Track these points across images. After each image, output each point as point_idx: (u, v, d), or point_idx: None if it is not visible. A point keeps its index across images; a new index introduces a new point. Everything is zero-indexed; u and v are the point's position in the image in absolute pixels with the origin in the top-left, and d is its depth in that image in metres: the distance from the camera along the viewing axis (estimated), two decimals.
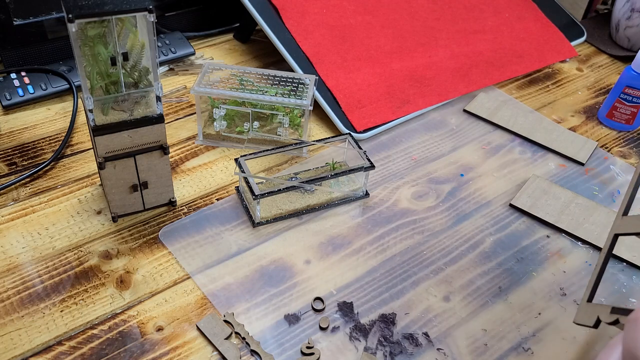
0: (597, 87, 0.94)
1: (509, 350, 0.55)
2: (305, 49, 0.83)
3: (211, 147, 0.75)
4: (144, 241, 0.62)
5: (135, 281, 0.58)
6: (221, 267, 0.60)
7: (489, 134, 0.81)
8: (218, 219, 0.65)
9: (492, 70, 0.92)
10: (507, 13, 1.02)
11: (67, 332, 0.53)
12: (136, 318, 0.55)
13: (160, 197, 0.65)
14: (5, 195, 0.66)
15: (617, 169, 0.77)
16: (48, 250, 0.60)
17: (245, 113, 0.75)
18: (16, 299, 0.56)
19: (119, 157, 0.58)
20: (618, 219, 0.53)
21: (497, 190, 0.72)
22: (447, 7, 0.99)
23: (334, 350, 0.54)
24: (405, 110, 0.82)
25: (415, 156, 0.76)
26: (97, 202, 0.66)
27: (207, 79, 0.74)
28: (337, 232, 0.65)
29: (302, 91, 0.73)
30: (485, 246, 0.65)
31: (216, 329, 0.54)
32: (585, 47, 1.04)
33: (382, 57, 0.87)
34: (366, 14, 0.92)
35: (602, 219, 0.68)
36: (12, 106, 0.78)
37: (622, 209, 0.54)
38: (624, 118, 0.84)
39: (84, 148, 0.73)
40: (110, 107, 0.57)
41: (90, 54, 0.53)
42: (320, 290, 0.59)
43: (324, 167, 0.72)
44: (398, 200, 0.70)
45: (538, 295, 0.60)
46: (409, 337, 0.55)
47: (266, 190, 0.63)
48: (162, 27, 0.93)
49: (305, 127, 0.74)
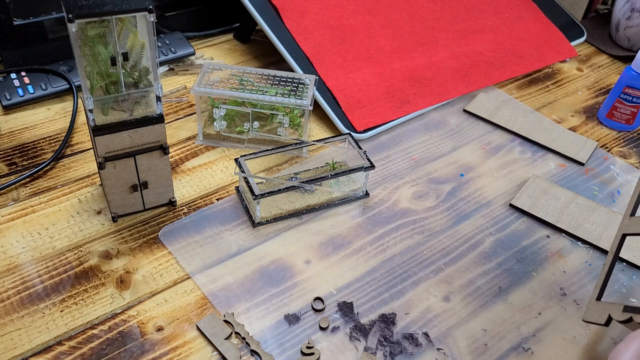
0: (597, 87, 0.94)
1: (509, 350, 0.55)
2: (305, 49, 0.83)
3: (211, 147, 0.75)
4: (144, 241, 0.62)
5: (135, 281, 0.58)
6: (221, 267, 0.60)
7: (489, 134, 0.81)
8: (218, 219, 0.65)
9: (492, 70, 0.92)
10: (507, 13, 1.02)
11: (67, 332, 0.53)
12: (136, 318, 0.55)
13: (160, 197, 0.65)
14: (5, 195, 0.66)
15: (617, 169, 0.77)
16: (48, 250, 0.60)
17: (245, 113, 0.75)
18: (16, 299, 0.56)
19: (119, 157, 0.58)
20: (626, 219, 0.53)
21: (497, 190, 0.72)
22: (447, 7, 0.99)
23: (334, 350, 0.54)
24: (405, 110, 0.82)
25: (415, 156, 0.76)
26: (97, 202, 0.66)
27: (207, 79, 0.74)
28: (337, 232, 0.65)
29: (302, 91, 0.73)
30: (485, 246, 0.65)
31: (216, 329, 0.54)
32: (585, 47, 1.04)
33: (382, 57, 0.87)
34: (366, 14, 0.92)
35: (602, 219, 0.68)
36: (12, 106, 0.78)
37: (629, 209, 0.54)
38: (624, 118, 0.84)
39: (84, 148, 0.73)
40: (110, 107, 0.57)
41: (90, 54, 0.53)
42: (320, 290, 0.59)
43: (324, 167, 0.72)
44: (398, 200, 0.70)
45: (538, 295, 0.60)
46: (409, 337, 0.55)
47: (266, 190, 0.63)
48: (162, 27, 0.93)
49: (305, 127, 0.74)
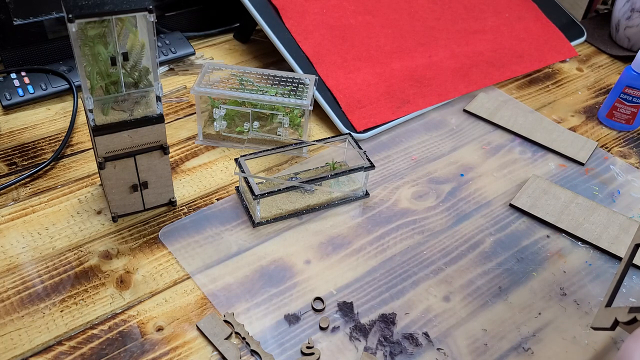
0: (597, 87, 0.94)
1: (509, 350, 0.55)
2: (305, 49, 0.83)
3: (211, 147, 0.75)
4: (144, 241, 0.62)
5: (135, 281, 0.58)
6: (221, 267, 0.60)
7: (489, 134, 0.81)
8: (218, 219, 0.65)
9: (492, 70, 0.92)
10: (507, 13, 1.02)
11: (67, 332, 0.53)
12: (136, 318, 0.55)
13: (160, 197, 0.65)
14: (5, 195, 0.66)
15: (617, 169, 0.77)
16: (48, 250, 0.60)
17: (245, 113, 0.75)
18: (16, 299, 0.56)
19: (119, 157, 0.58)
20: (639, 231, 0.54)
21: (497, 190, 0.72)
22: (447, 7, 0.99)
23: (334, 350, 0.54)
24: (405, 110, 0.82)
25: (415, 156, 0.76)
26: (97, 202, 0.66)
27: (207, 79, 0.74)
28: (337, 232, 0.65)
29: (302, 91, 0.73)
30: (485, 246, 0.65)
31: (216, 329, 0.54)
32: (585, 47, 1.04)
33: (382, 57, 0.87)
34: (366, 14, 0.92)
35: (602, 219, 0.68)
36: (12, 106, 0.78)
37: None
38: (624, 118, 0.84)
39: (84, 148, 0.73)
40: (110, 107, 0.57)
41: (90, 54, 0.53)
42: (320, 290, 0.59)
43: (324, 167, 0.72)
44: (398, 200, 0.70)
45: (538, 295, 0.60)
46: (409, 337, 0.55)
47: (266, 190, 0.63)
48: (162, 27, 0.93)
49: (305, 127, 0.73)
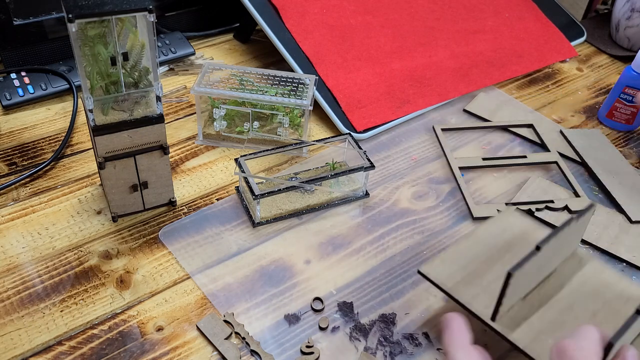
0: (597, 87, 0.94)
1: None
2: (305, 49, 0.83)
3: (211, 147, 0.75)
4: (144, 241, 0.62)
5: (135, 281, 0.58)
6: (221, 267, 0.60)
7: (489, 134, 0.81)
8: (218, 219, 0.65)
9: (492, 70, 0.92)
10: (507, 13, 1.02)
11: (67, 332, 0.53)
12: (136, 318, 0.55)
13: (160, 197, 0.65)
14: (5, 195, 0.66)
15: None
16: (48, 250, 0.60)
17: (245, 113, 0.75)
18: (16, 299, 0.56)
19: (119, 157, 0.58)
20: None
21: (497, 190, 0.72)
22: (447, 7, 0.99)
23: (333, 350, 0.54)
24: (405, 110, 0.82)
25: (415, 156, 0.76)
26: (97, 202, 0.66)
27: (207, 79, 0.74)
28: (337, 232, 0.65)
29: (302, 91, 0.73)
30: None
31: (216, 329, 0.54)
32: (585, 47, 1.04)
33: (382, 57, 0.87)
34: (366, 14, 0.92)
35: (602, 219, 0.68)
36: (12, 106, 0.78)
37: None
38: (624, 118, 0.84)
39: (84, 148, 0.73)
40: (110, 107, 0.57)
41: (90, 54, 0.53)
42: (320, 290, 0.59)
43: (324, 167, 0.72)
44: (398, 200, 0.70)
45: None
46: (409, 337, 0.55)
47: (266, 190, 0.63)
48: (162, 27, 0.93)
49: (305, 127, 0.74)
